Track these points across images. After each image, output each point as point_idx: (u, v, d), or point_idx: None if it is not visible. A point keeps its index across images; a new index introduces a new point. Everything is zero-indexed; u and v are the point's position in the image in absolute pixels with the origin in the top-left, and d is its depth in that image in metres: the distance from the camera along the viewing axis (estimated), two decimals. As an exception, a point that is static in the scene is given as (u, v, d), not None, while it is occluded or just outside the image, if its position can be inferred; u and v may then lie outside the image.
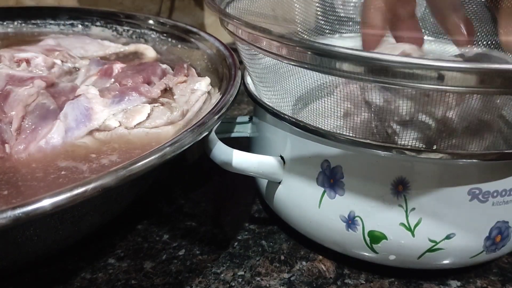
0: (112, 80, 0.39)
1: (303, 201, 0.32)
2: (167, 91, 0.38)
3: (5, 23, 0.53)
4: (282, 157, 0.32)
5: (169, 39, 0.50)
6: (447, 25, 0.36)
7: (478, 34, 0.43)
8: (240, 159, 0.32)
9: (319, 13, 0.45)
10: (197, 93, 0.37)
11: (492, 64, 0.21)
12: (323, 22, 0.45)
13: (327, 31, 0.45)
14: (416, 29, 0.38)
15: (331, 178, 0.30)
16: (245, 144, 0.37)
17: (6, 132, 0.32)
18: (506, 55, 0.38)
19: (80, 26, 0.54)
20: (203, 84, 0.38)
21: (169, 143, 0.26)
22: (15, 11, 0.55)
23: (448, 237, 0.29)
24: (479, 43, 0.43)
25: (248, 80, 0.37)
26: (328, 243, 0.32)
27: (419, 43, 0.38)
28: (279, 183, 0.33)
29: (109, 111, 0.34)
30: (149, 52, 0.49)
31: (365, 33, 0.35)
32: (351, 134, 0.29)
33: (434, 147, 0.28)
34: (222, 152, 0.31)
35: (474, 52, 0.42)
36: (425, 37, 0.45)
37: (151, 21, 0.52)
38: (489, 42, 0.43)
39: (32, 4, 0.70)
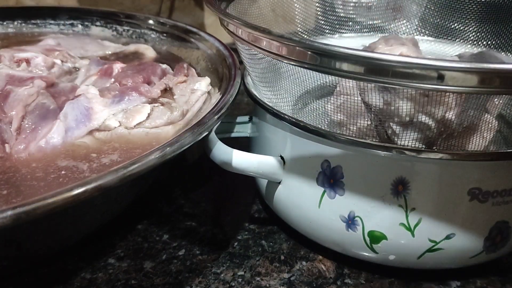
0: (112, 80, 0.39)
1: (303, 201, 0.32)
2: (167, 91, 0.38)
3: (5, 23, 0.53)
4: (282, 157, 0.32)
5: (169, 39, 0.50)
6: None
7: (478, 34, 0.43)
8: (240, 159, 0.32)
9: (319, 13, 0.45)
10: (197, 93, 0.37)
11: (492, 64, 0.21)
12: (323, 22, 0.45)
13: (327, 31, 0.45)
14: None
15: (331, 178, 0.30)
16: (245, 144, 0.37)
17: (6, 132, 0.32)
18: (505, 55, 0.38)
19: (80, 26, 0.54)
20: (203, 84, 0.38)
21: (169, 143, 0.26)
22: (15, 11, 0.55)
23: (448, 237, 0.29)
24: (479, 43, 0.43)
25: (248, 80, 0.37)
26: (328, 243, 0.32)
27: None
28: (279, 183, 0.33)
29: (109, 111, 0.34)
30: (149, 52, 0.49)
31: None
32: (351, 134, 0.29)
33: (434, 147, 0.28)
34: (222, 152, 0.31)
35: (474, 52, 0.42)
36: (425, 37, 0.45)
37: (151, 21, 0.52)
38: (489, 42, 0.43)
39: (32, 4, 0.70)
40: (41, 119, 0.33)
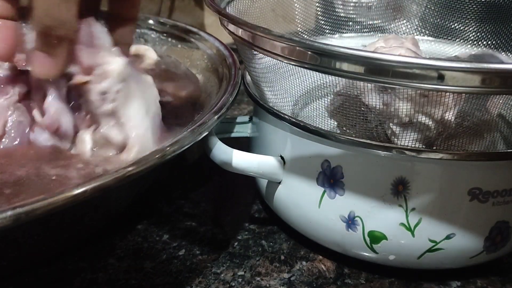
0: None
1: (303, 201, 0.32)
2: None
3: (5, 23, 0.53)
4: (282, 157, 0.32)
5: (169, 39, 0.50)
6: None
7: (478, 34, 0.43)
8: (240, 159, 0.32)
9: (319, 13, 0.45)
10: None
11: (492, 64, 0.21)
12: (323, 22, 0.45)
13: (327, 31, 0.45)
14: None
15: (331, 178, 0.30)
16: (245, 144, 0.37)
17: None
18: (505, 55, 0.38)
19: (80, 26, 0.53)
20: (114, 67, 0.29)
21: (169, 143, 0.26)
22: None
23: (448, 237, 0.29)
24: (479, 43, 0.43)
25: (248, 80, 0.37)
26: (328, 243, 0.32)
27: None
28: (279, 183, 0.33)
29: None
30: (150, 53, 0.48)
31: None
32: (351, 134, 0.29)
33: (434, 147, 0.28)
34: (222, 152, 0.31)
35: (474, 52, 0.42)
36: (425, 37, 0.45)
37: (151, 21, 0.52)
38: (489, 42, 0.43)
39: (32, 4, 0.70)
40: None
